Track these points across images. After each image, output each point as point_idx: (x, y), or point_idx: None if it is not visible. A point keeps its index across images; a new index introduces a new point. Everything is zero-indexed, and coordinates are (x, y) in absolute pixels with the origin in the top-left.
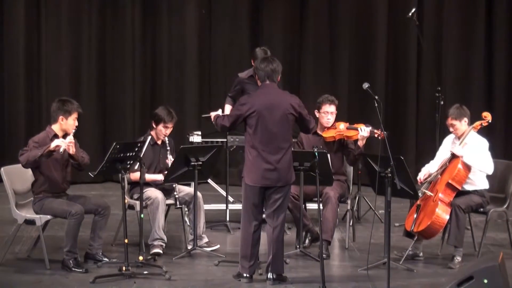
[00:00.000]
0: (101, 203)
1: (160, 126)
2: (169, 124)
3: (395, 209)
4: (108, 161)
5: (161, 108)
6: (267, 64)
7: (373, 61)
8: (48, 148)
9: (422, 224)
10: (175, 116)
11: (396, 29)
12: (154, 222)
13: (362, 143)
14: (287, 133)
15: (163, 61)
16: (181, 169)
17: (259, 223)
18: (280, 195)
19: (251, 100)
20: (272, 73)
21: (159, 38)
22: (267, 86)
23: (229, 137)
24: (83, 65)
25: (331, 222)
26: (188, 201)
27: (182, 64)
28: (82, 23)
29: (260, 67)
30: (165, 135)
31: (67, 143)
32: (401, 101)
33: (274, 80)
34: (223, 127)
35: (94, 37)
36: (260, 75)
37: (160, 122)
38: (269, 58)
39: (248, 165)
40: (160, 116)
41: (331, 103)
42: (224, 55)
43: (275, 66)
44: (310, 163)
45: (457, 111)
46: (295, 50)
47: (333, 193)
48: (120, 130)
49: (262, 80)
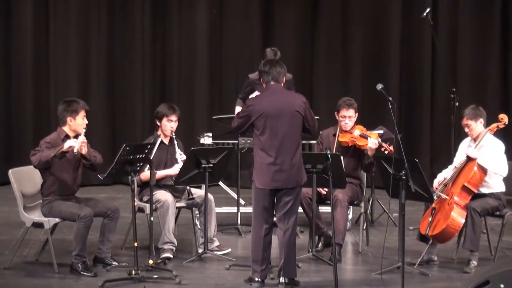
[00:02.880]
0: (111, 206)
1: (164, 121)
2: (172, 116)
3: (410, 212)
4: (118, 163)
5: (162, 104)
6: (271, 66)
7: (387, 61)
8: (61, 149)
9: (437, 227)
10: (177, 109)
11: (410, 29)
12: (164, 225)
13: (371, 153)
14: (296, 133)
15: (173, 61)
16: (192, 171)
17: (270, 226)
18: (290, 197)
19: (257, 101)
20: (277, 75)
21: (169, 38)
22: (272, 87)
23: (240, 139)
24: (92, 65)
25: (341, 224)
26: (199, 204)
27: (193, 65)
28: (91, 23)
29: (264, 69)
30: (172, 130)
31: (80, 142)
32: (415, 102)
33: (279, 82)
34: (233, 128)
35: (103, 37)
36: (265, 77)
37: (162, 117)
38: (273, 61)
39: (257, 168)
40: (161, 111)
41: (349, 107)
42: (235, 55)
43: (279, 68)
44: (323, 166)
45: (473, 112)
46: (307, 50)
47: (342, 196)
48: (130, 132)
49: (267, 82)
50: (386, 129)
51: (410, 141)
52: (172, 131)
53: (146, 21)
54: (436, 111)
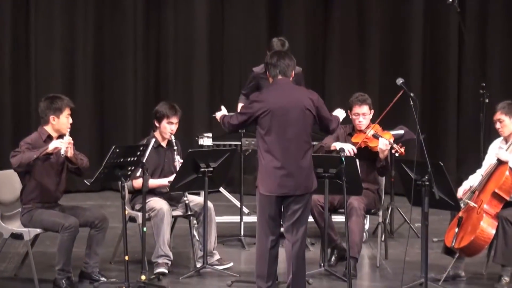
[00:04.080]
0: (98, 215)
1: (163, 123)
2: (173, 118)
3: (434, 222)
4: (107, 167)
5: (162, 103)
6: (279, 58)
7: (407, 53)
8: (45, 150)
9: (465, 239)
10: (179, 109)
11: (434, 16)
12: (159, 236)
13: (383, 156)
14: (306, 133)
15: (169, 53)
16: (189, 176)
17: (276, 237)
18: (299, 205)
19: (263, 97)
20: (286, 68)
21: (165, 28)
22: (280, 82)
23: (243, 139)
24: (78, 59)
25: (357, 235)
26: (198, 213)
27: (191, 57)
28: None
29: (271, 62)
30: (171, 132)
31: (66, 143)
32: (440, 99)
33: (287, 76)
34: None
35: (91, 27)
36: (271, 71)
37: (163, 118)
38: (281, 52)
39: (261, 172)
40: (162, 112)
41: (362, 103)
42: (239, 48)
43: (287, 61)
44: (336, 170)
45: (508, 106)
46: (319, 42)
47: (357, 203)
48: (120, 132)
49: (273, 76)
50: (407, 129)
51: (434, 142)
52: (172, 134)
53: (138, 9)
54: (464, 108)
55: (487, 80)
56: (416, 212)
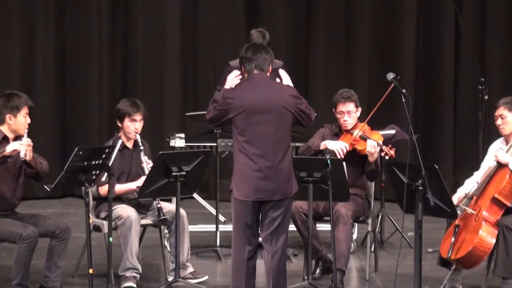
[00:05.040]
0: (60, 224)
1: (126, 122)
2: (136, 116)
3: (428, 231)
4: (69, 171)
5: (123, 100)
6: (255, 52)
7: (399, 46)
8: (3, 153)
9: (462, 249)
10: (142, 105)
11: (429, 6)
12: (126, 247)
13: (372, 159)
14: (284, 133)
15: (138, 45)
16: (160, 181)
17: (254, 248)
18: (279, 212)
19: (237, 93)
20: (262, 62)
21: (133, 17)
22: (255, 77)
23: (219, 141)
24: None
25: (344, 246)
26: (169, 221)
27: (161, 50)
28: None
29: (246, 55)
30: (136, 131)
31: (25, 145)
32: (434, 96)
33: (264, 70)
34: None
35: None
36: (247, 65)
37: (124, 116)
38: (257, 45)
39: (236, 175)
40: (123, 110)
41: (347, 101)
42: (214, 38)
43: (264, 54)
44: (321, 174)
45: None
46: (302, 33)
47: (345, 210)
48: (84, 133)
49: (249, 71)
50: (398, 129)
51: (428, 142)
52: (137, 133)
53: None
54: (460, 106)
55: (486, 76)
56: (409, 220)
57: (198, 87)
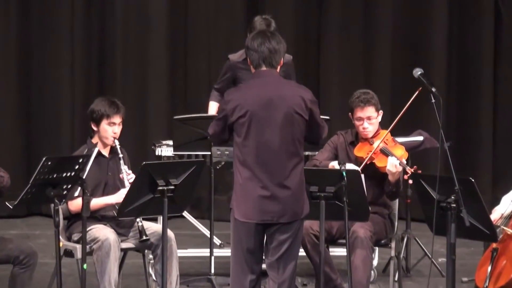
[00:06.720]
0: (24, 248)
1: (103, 125)
2: (115, 118)
3: (463, 256)
4: (35, 185)
5: (98, 100)
6: (263, 42)
7: (428, 38)
8: None
9: (502, 278)
10: (121, 106)
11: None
12: (103, 275)
13: (393, 179)
14: (294, 143)
15: (116, 37)
16: (143, 197)
17: (257, 277)
18: (287, 235)
19: (239, 95)
20: (271, 54)
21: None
22: (263, 74)
23: (214, 149)
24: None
25: (363, 274)
26: (155, 245)
27: (145, 42)
28: None
29: (253, 46)
30: (114, 136)
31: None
32: (470, 96)
33: (273, 66)
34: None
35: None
36: (253, 58)
37: (101, 118)
38: (266, 33)
39: (237, 192)
40: (99, 111)
41: (366, 105)
42: (208, 28)
43: (274, 44)
44: (335, 188)
45: None
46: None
47: (364, 232)
48: (53, 140)
49: (255, 65)
50: (427, 135)
51: (463, 152)
52: (115, 139)
53: None
54: (501, 109)
55: None
56: (440, 243)
57: (188, 85)
